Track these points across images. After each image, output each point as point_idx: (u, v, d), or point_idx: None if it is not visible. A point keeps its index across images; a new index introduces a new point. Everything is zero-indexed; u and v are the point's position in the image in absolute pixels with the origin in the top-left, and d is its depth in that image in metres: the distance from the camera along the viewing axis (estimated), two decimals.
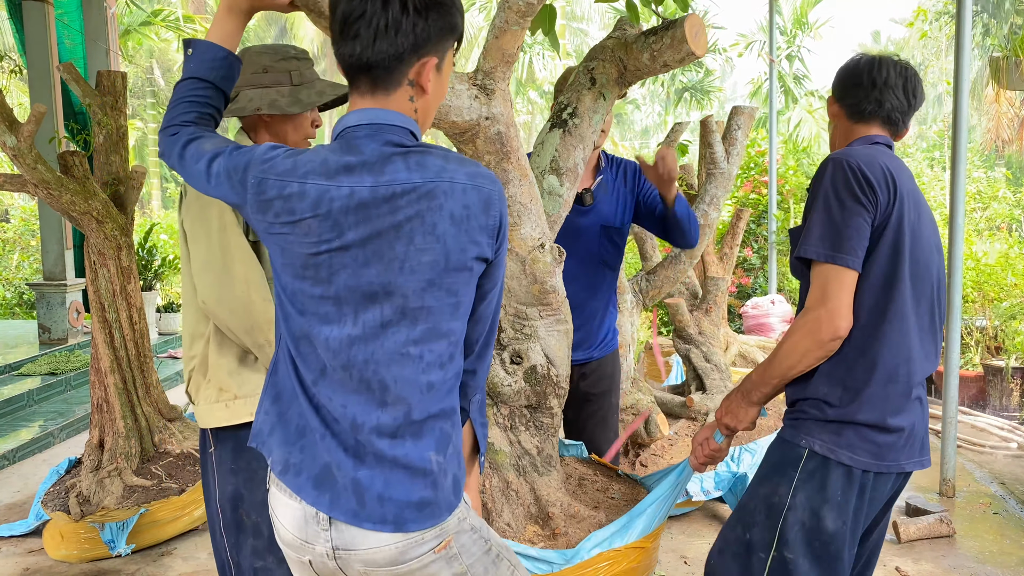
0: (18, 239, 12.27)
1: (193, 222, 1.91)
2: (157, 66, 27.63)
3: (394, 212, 1.30)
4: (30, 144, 3.33)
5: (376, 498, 1.31)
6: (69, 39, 7.96)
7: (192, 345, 2.00)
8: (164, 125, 1.47)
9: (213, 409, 1.96)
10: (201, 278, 1.89)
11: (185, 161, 1.44)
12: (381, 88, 1.33)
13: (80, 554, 3.47)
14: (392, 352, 1.33)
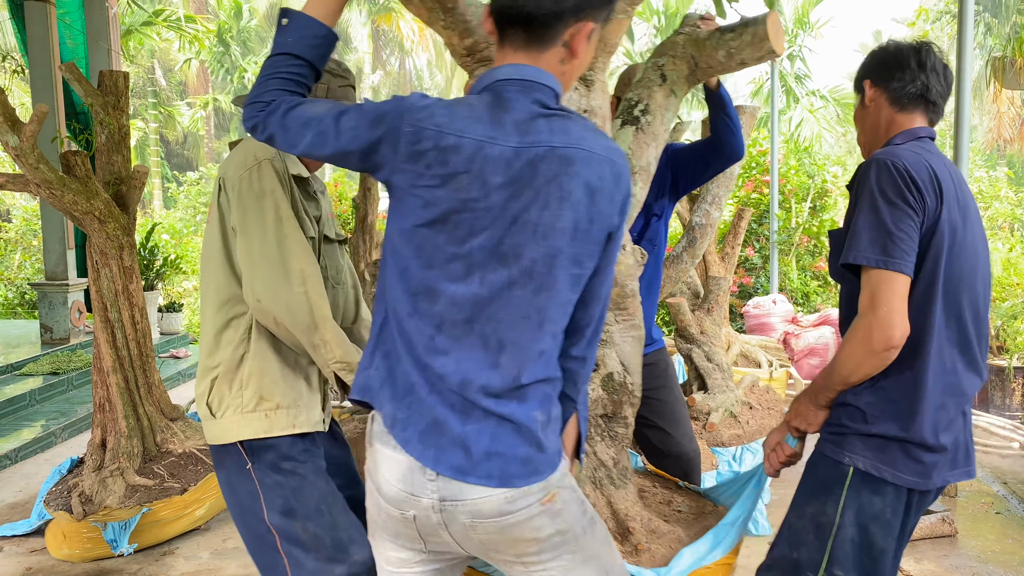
0: (20, 239, 12.27)
1: (245, 215, 1.82)
2: (159, 66, 27.62)
3: (534, 175, 1.29)
4: (32, 144, 3.33)
5: (483, 454, 1.32)
6: (71, 39, 7.97)
7: (215, 352, 1.88)
8: (252, 99, 1.41)
9: (248, 420, 1.85)
10: (256, 274, 1.80)
11: (289, 126, 1.37)
12: (535, 44, 1.32)
13: (82, 553, 3.47)
14: (515, 315, 1.33)
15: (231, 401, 1.86)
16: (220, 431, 1.87)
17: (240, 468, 1.87)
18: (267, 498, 1.85)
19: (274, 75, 1.42)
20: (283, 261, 1.80)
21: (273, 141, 1.40)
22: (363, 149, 1.34)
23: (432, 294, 1.33)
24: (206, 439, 1.95)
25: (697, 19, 2.21)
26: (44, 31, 7.26)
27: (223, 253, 1.86)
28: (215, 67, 27.43)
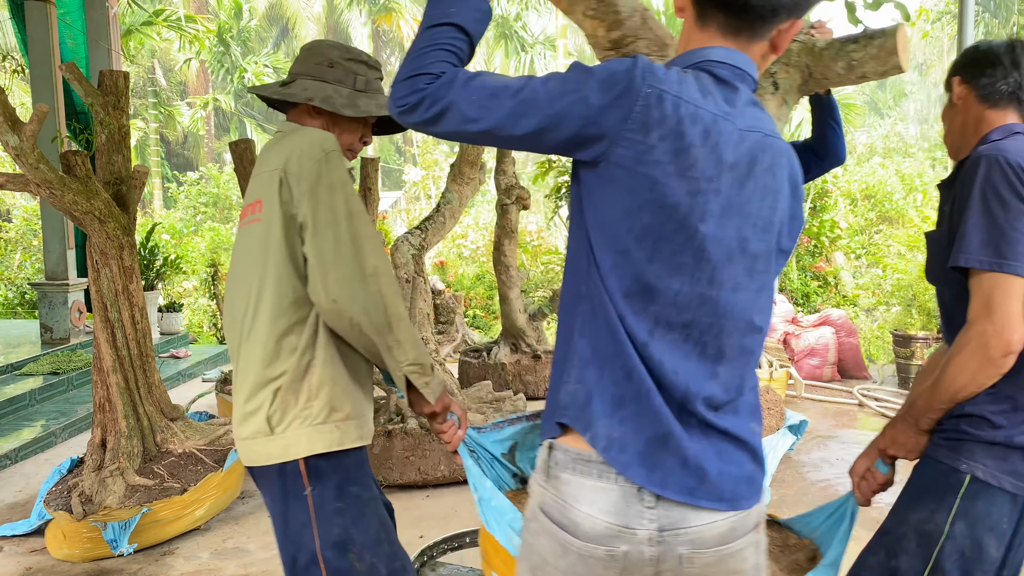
0: (20, 239, 12.28)
1: (317, 210, 1.67)
2: (159, 66, 27.62)
3: (754, 162, 1.20)
4: (32, 144, 3.33)
5: (715, 474, 1.19)
6: (71, 39, 7.97)
7: (275, 361, 1.69)
8: (413, 72, 1.21)
9: (319, 432, 1.68)
10: (330, 272, 1.65)
11: (474, 97, 1.18)
12: (746, 34, 1.22)
13: (82, 553, 3.47)
14: (738, 319, 1.21)
15: (298, 413, 1.69)
16: (280, 448, 1.68)
17: (295, 493, 1.69)
18: (322, 529, 1.68)
19: (436, 46, 1.24)
20: (358, 258, 1.67)
21: (444, 117, 1.19)
22: (585, 116, 1.15)
23: (650, 293, 1.17)
24: (250, 459, 1.73)
25: (808, 27, 2.10)
26: (44, 31, 7.26)
27: (285, 252, 1.70)
28: (215, 67, 27.43)
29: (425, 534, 3.67)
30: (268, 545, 3.63)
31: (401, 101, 1.21)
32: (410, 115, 1.22)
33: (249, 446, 1.71)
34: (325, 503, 1.68)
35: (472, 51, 1.28)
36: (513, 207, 6.22)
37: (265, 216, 1.72)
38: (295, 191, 1.69)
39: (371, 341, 1.69)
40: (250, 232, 1.77)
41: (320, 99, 1.81)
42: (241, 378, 1.74)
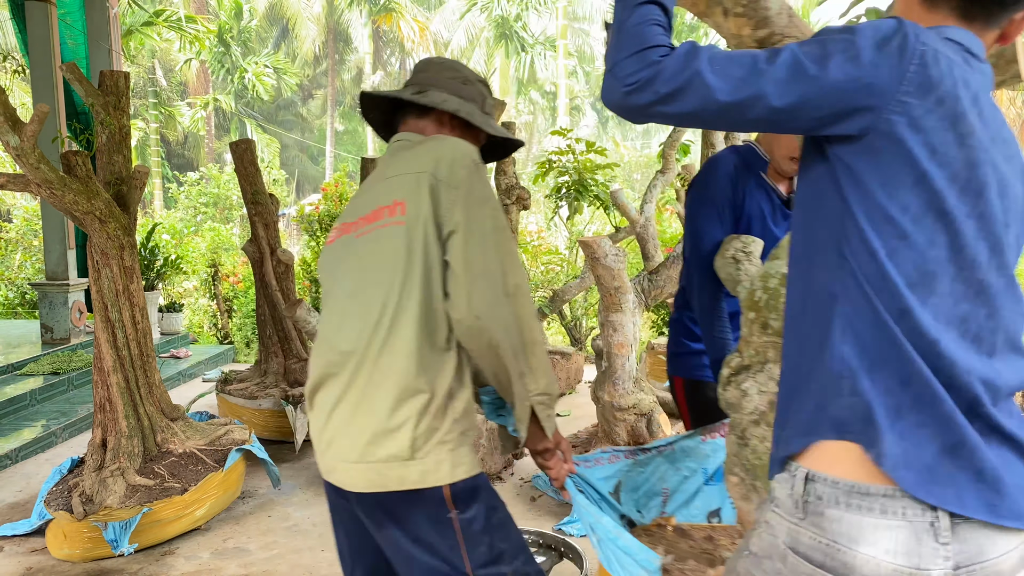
0: (20, 239, 12.28)
1: (468, 220, 1.58)
2: (159, 66, 27.62)
3: (1006, 141, 1.11)
4: (33, 144, 3.33)
5: (1012, 486, 1.04)
6: (72, 39, 7.97)
7: (421, 374, 1.56)
8: (640, 47, 1.13)
9: (459, 457, 1.57)
10: (476, 287, 1.54)
11: (723, 69, 1.09)
12: (980, 20, 1.15)
13: (83, 553, 3.48)
14: (1010, 310, 1.11)
15: (442, 437, 1.56)
16: (419, 474, 1.54)
17: (438, 518, 1.57)
18: (471, 549, 1.58)
19: (651, 22, 1.15)
20: (503, 274, 1.57)
21: (685, 91, 1.10)
22: (856, 79, 1.05)
23: (931, 282, 1.06)
24: (375, 484, 1.57)
25: None
26: (45, 31, 7.26)
27: (429, 259, 1.60)
28: (216, 67, 27.44)
29: None
30: (268, 545, 3.64)
31: (632, 78, 1.11)
32: (641, 93, 1.12)
33: (379, 470, 1.55)
34: (472, 524, 1.58)
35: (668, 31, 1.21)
36: (513, 207, 6.22)
37: (411, 218, 1.61)
38: (446, 197, 1.60)
39: (503, 364, 1.58)
40: (387, 235, 1.64)
41: (465, 112, 1.77)
42: (364, 394, 1.58)
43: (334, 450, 1.63)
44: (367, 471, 1.57)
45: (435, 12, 30.73)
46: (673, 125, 1.65)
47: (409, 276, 1.59)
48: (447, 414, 1.57)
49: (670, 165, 4.57)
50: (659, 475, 2.08)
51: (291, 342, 5.53)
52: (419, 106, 1.80)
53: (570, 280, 6.88)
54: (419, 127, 1.81)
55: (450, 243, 1.59)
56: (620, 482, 2.06)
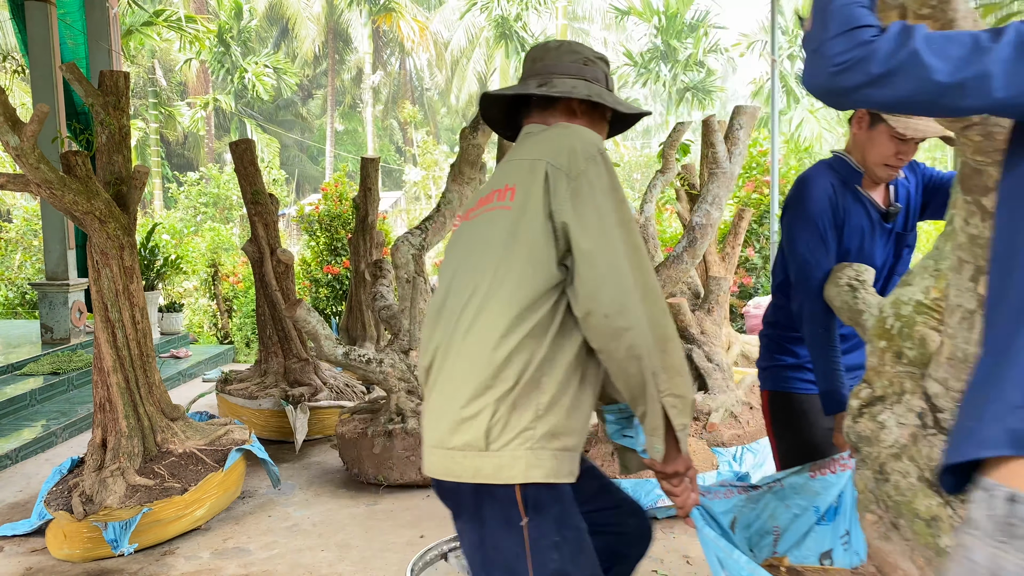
0: (20, 239, 12.28)
1: (588, 212, 1.51)
2: (159, 66, 27.61)
3: None
4: (33, 144, 3.33)
5: None
6: (71, 39, 7.97)
7: (506, 368, 1.49)
8: (851, 25, 1.09)
9: (538, 458, 1.48)
10: (607, 285, 1.48)
11: (936, 44, 1.04)
12: None
13: (83, 553, 3.48)
14: None
15: (520, 432, 1.48)
16: (494, 467, 1.48)
17: (507, 521, 1.50)
18: (537, 562, 1.49)
19: (858, 3, 1.11)
20: (631, 269, 1.50)
21: (900, 72, 1.04)
22: None
23: None
24: (451, 472, 1.53)
25: None
26: (45, 31, 7.26)
27: (534, 248, 1.53)
28: (215, 67, 27.43)
29: (426, 534, 3.68)
30: (268, 545, 3.64)
31: (841, 58, 1.05)
32: (851, 73, 1.06)
33: (454, 458, 1.51)
34: (543, 536, 1.49)
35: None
36: None
37: (518, 204, 1.56)
38: (561, 187, 1.53)
39: (635, 364, 1.49)
40: (492, 219, 1.60)
41: (596, 94, 1.69)
42: (449, 378, 1.56)
43: (424, 432, 1.61)
44: (444, 458, 1.53)
45: (435, 12, 30.72)
46: (879, 111, 1.54)
47: (505, 261, 1.54)
48: (530, 407, 1.49)
49: (670, 165, 4.57)
50: (769, 512, 2.01)
51: (291, 342, 5.53)
52: (544, 97, 1.72)
53: None
54: (545, 118, 1.74)
55: (570, 236, 1.52)
56: (735, 518, 1.99)
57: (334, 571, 3.35)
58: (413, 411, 4.25)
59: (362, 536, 3.70)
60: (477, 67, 28.45)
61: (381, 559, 3.44)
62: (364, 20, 28.84)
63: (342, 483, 4.43)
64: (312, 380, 5.47)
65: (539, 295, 1.52)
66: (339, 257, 9.27)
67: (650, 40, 25.69)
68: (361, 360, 4.24)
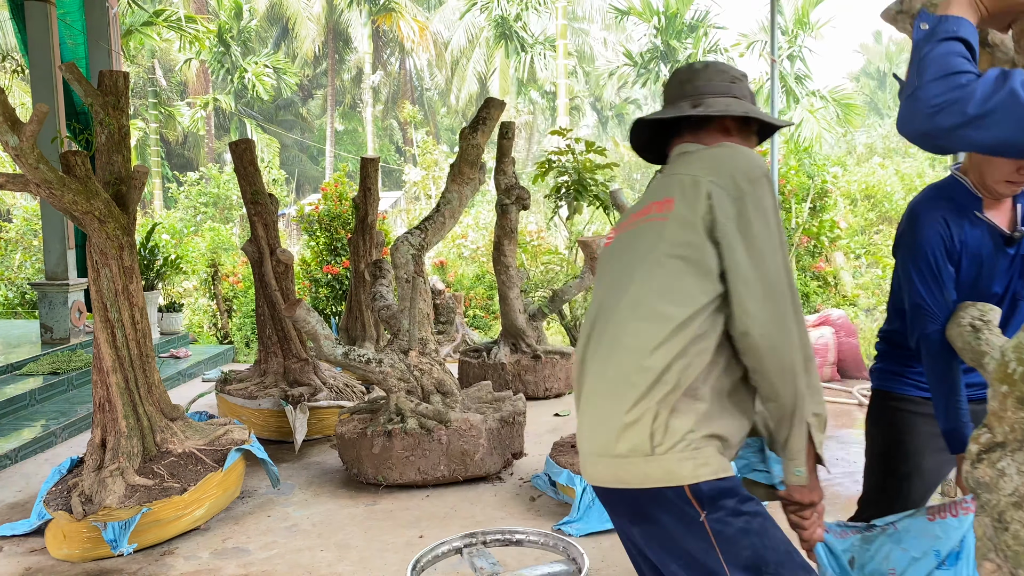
0: (20, 239, 12.28)
1: (751, 234, 1.57)
2: (159, 66, 27.61)
3: None
4: (32, 144, 3.33)
5: None
6: (71, 39, 7.97)
7: (665, 374, 1.54)
8: (948, 71, 1.16)
9: (702, 456, 1.53)
10: (765, 306, 1.55)
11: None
12: None
13: (82, 553, 3.48)
14: None
15: (684, 435, 1.53)
16: (663, 471, 1.51)
17: (685, 518, 1.52)
18: (727, 552, 1.51)
19: (957, 54, 1.18)
20: (788, 291, 1.57)
21: (993, 115, 1.09)
22: None
23: None
24: (619, 479, 1.57)
25: None
26: (44, 31, 7.26)
27: (688, 260, 1.59)
28: (215, 67, 27.42)
29: (425, 534, 3.68)
30: (268, 545, 3.64)
31: (936, 100, 1.12)
32: (947, 114, 1.11)
33: (622, 465, 1.55)
34: (725, 527, 1.52)
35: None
36: (513, 207, 6.22)
37: (675, 216, 1.61)
38: (725, 206, 1.58)
39: (784, 382, 1.56)
40: (650, 229, 1.67)
41: (751, 112, 1.76)
42: (607, 385, 1.60)
43: (583, 442, 1.65)
44: (611, 466, 1.57)
45: (435, 12, 30.71)
46: (978, 152, 1.59)
47: (663, 271, 1.59)
48: (691, 410, 1.54)
49: None
50: (884, 554, 1.97)
51: (290, 342, 5.53)
52: (696, 117, 1.78)
53: (570, 280, 6.89)
54: (699, 137, 1.78)
55: (728, 255, 1.57)
56: (853, 558, 1.97)
57: (333, 571, 3.35)
58: (412, 411, 4.25)
59: (361, 536, 3.70)
60: (477, 67, 28.45)
61: (380, 559, 3.44)
62: (364, 20, 28.83)
63: (341, 483, 4.43)
64: (312, 380, 5.47)
65: (699, 308, 1.57)
66: (339, 257, 9.27)
67: (650, 40, 25.68)
68: (360, 360, 4.24)
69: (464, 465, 4.22)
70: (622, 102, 32.75)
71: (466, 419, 4.22)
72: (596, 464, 1.62)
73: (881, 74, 39.65)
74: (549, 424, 5.59)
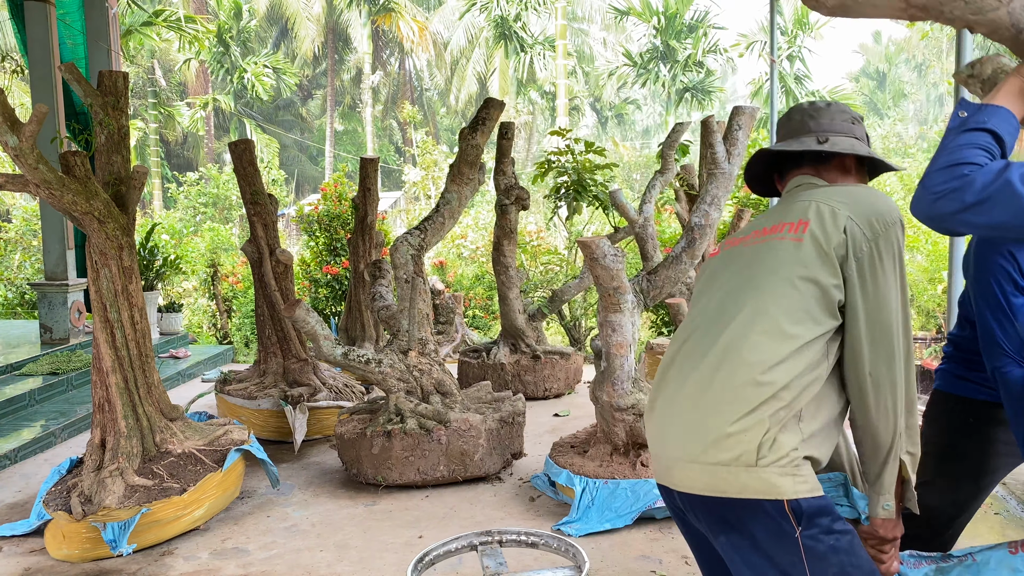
0: (20, 239, 12.28)
1: (879, 279, 1.65)
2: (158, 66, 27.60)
3: None
4: (32, 144, 3.33)
5: None
6: (71, 39, 7.97)
7: (779, 393, 1.59)
8: (955, 162, 1.33)
9: (803, 473, 1.58)
10: (879, 348, 1.64)
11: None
12: None
13: (81, 554, 3.48)
14: None
15: (787, 452, 1.57)
16: (764, 484, 1.56)
17: (781, 534, 1.56)
18: (815, 568, 1.56)
19: (974, 145, 1.34)
20: (903, 336, 1.66)
21: (990, 202, 1.25)
22: None
23: None
24: (715, 488, 1.60)
25: None
26: (44, 31, 7.26)
27: (816, 288, 1.66)
28: (215, 67, 27.43)
29: (424, 534, 3.68)
30: (267, 545, 3.64)
31: (939, 187, 1.27)
32: (948, 201, 1.26)
33: (719, 473, 1.59)
34: (817, 544, 1.56)
35: (1001, 153, 1.37)
36: (512, 207, 6.23)
37: (810, 239, 1.67)
38: (859, 243, 1.64)
39: (886, 420, 1.66)
40: (781, 246, 1.72)
41: (873, 154, 1.87)
42: (711, 392, 1.64)
43: (668, 447, 1.70)
44: (704, 473, 1.61)
45: (434, 12, 30.72)
46: (981, 235, 1.72)
47: (789, 288, 1.65)
48: (798, 430, 1.59)
49: (669, 165, 4.57)
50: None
51: (290, 342, 5.53)
52: (818, 153, 1.88)
53: (569, 280, 6.89)
54: (819, 172, 1.88)
55: (851, 292, 1.64)
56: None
57: (333, 571, 3.35)
58: (412, 411, 4.25)
59: (361, 536, 3.70)
60: (477, 67, 28.45)
61: (380, 559, 3.44)
62: (364, 20, 28.83)
63: (341, 483, 4.43)
64: (311, 380, 5.47)
65: (820, 334, 1.63)
66: (338, 257, 9.27)
67: (649, 40, 25.69)
68: (360, 360, 4.24)
69: (463, 465, 4.22)
70: (621, 102, 32.76)
71: (465, 419, 4.22)
72: (686, 470, 1.64)
73: (880, 75, 39.66)
74: (548, 424, 5.59)
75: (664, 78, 25.55)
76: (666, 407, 1.72)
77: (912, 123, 33.92)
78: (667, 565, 3.29)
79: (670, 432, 1.69)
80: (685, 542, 3.48)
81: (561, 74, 22.04)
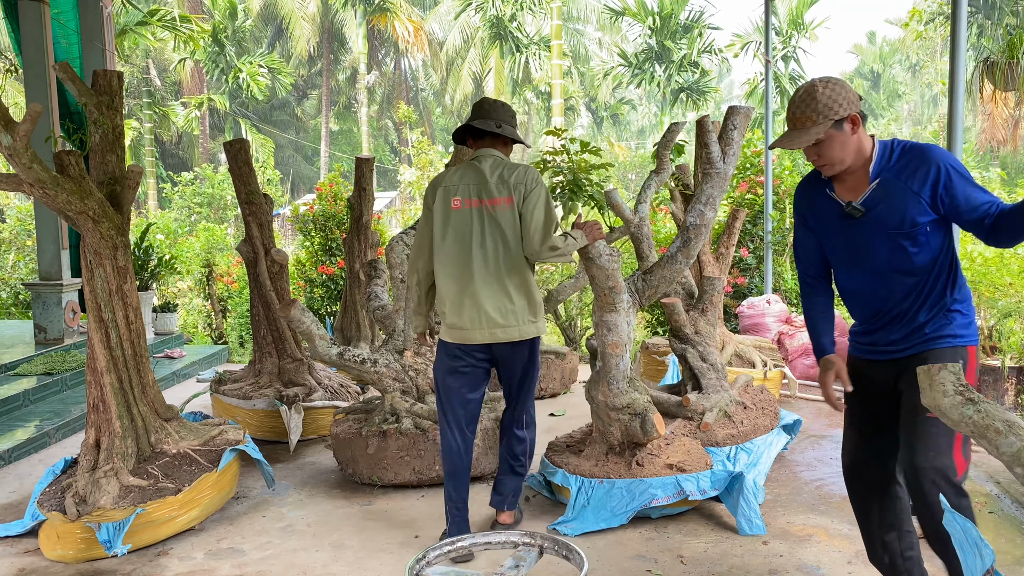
0: (14, 239, 12.23)
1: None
2: (153, 66, 27.53)
3: None
4: (26, 143, 3.32)
5: None
6: (65, 39, 7.95)
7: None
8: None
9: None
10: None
11: None
12: None
13: (76, 554, 3.47)
14: None
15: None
16: (536, 331, 2.57)
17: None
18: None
19: None
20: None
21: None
22: None
23: None
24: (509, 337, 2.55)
25: None
26: (38, 30, 7.24)
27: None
28: (210, 67, 27.36)
29: (420, 534, 3.68)
30: (263, 545, 3.63)
31: None
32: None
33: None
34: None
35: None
36: None
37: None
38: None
39: (548, 254, 3.32)
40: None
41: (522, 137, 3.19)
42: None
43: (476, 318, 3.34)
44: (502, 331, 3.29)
45: (430, 12, 30.70)
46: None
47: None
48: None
49: (664, 165, 4.57)
50: None
51: (285, 342, 5.52)
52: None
53: (565, 280, 6.88)
54: (496, 144, 3.42)
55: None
56: None
57: (328, 571, 3.35)
58: (407, 411, 4.25)
59: (356, 536, 3.70)
60: (472, 67, 28.44)
61: (375, 559, 3.44)
62: (359, 20, 28.80)
63: (336, 483, 4.43)
64: (306, 380, 5.46)
65: None
66: (334, 257, 9.26)
67: (644, 41, 25.72)
68: (356, 360, 4.24)
69: None
70: (617, 102, 32.78)
71: None
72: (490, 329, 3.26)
73: (875, 75, 39.75)
74: (544, 424, 5.59)
75: (659, 78, 25.58)
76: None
77: (906, 123, 34.01)
78: (662, 564, 3.29)
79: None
80: (680, 541, 3.49)
81: (556, 74, 22.05)
